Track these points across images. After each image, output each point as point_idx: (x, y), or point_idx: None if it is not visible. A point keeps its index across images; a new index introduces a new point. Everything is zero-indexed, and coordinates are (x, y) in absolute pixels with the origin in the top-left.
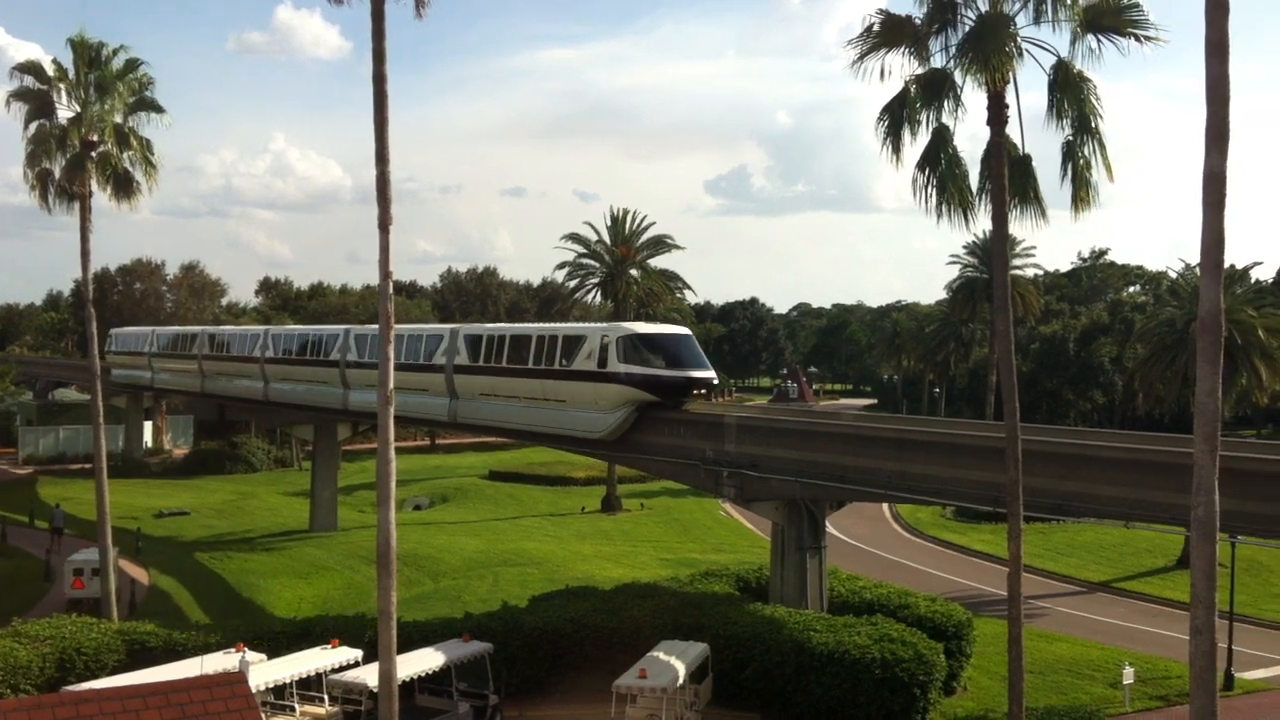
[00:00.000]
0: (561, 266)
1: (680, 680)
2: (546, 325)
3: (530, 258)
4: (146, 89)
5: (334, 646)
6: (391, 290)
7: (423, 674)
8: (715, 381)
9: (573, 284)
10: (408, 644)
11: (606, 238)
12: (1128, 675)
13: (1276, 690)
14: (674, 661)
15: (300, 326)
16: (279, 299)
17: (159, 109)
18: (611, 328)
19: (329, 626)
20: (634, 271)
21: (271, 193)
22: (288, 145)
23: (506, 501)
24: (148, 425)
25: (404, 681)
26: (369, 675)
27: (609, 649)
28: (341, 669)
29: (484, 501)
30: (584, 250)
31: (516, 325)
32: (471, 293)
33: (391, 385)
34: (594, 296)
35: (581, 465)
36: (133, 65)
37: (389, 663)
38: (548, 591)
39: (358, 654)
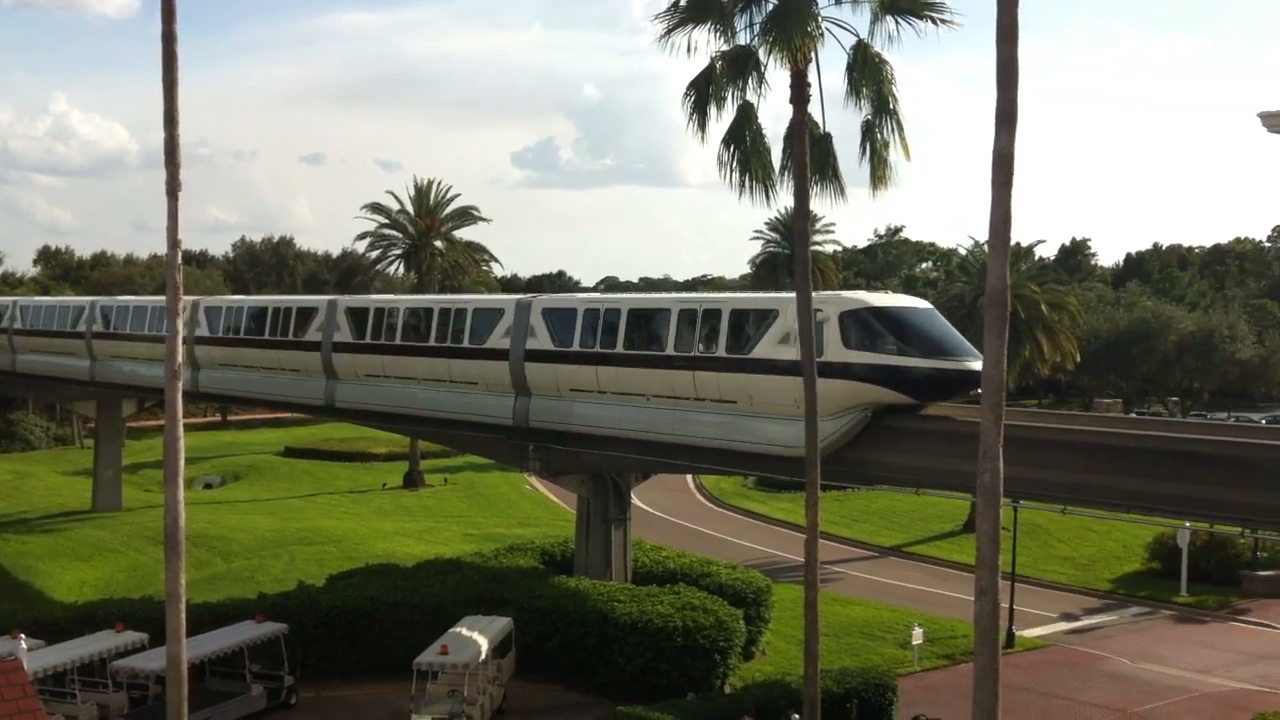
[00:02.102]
0: (363, 237)
1: (483, 655)
2: (700, 296)
3: (330, 228)
4: None
5: (119, 631)
6: (181, 260)
7: (213, 657)
8: None
9: (374, 255)
10: (198, 627)
11: (410, 208)
12: (917, 636)
13: (1054, 647)
14: (476, 637)
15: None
16: (59, 269)
17: None
18: (829, 298)
19: (113, 610)
20: (439, 243)
21: (52, 157)
22: (70, 107)
23: (303, 478)
24: None
25: (193, 665)
26: (155, 660)
27: (411, 627)
28: (126, 653)
29: (279, 479)
30: (386, 221)
31: (648, 295)
32: (267, 263)
33: (180, 359)
34: (397, 268)
35: (383, 440)
36: None
37: (177, 646)
38: (347, 570)
39: (144, 637)
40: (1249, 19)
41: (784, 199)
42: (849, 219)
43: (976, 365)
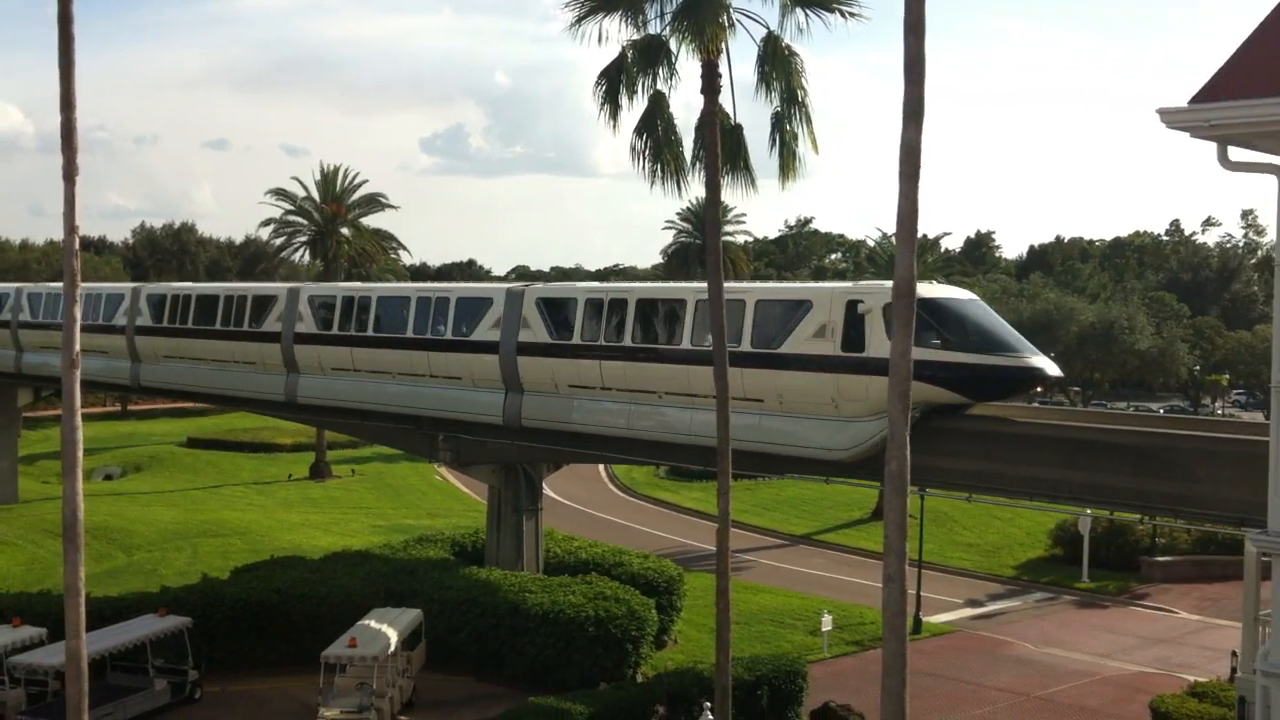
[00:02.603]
0: (267, 224)
1: (392, 647)
2: (745, 285)
3: (234, 214)
4: None
5: (16, 626)
6: (78, 246)
7: (114, 651)
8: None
9: (279, 242)
10: (99, 621)
11: (316, 195)
12: (826, 623)
13: (960, 633)
14: (385, 629)
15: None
16: None
17: None
18: (872, 288)
19: (9, 604)
20: (345, 230)
21: None
22: None
23: (206, 469)
24: None
25: (94, 660)
26: (54, 655)
27: (318, 620)
28: (24, 649)
29: (181, 470)
30: (292, 207)
31: (662, 285)
32: (168, 250)
33: (78, 348)
34: (302, 255)
35: (289, 431)
36: None
37: (76, 641)
38: (252, 563)
39: (42, 632)
40: (1142, 15)
41: (696, 189)
42: (760, 210)
43: (1038, 361)
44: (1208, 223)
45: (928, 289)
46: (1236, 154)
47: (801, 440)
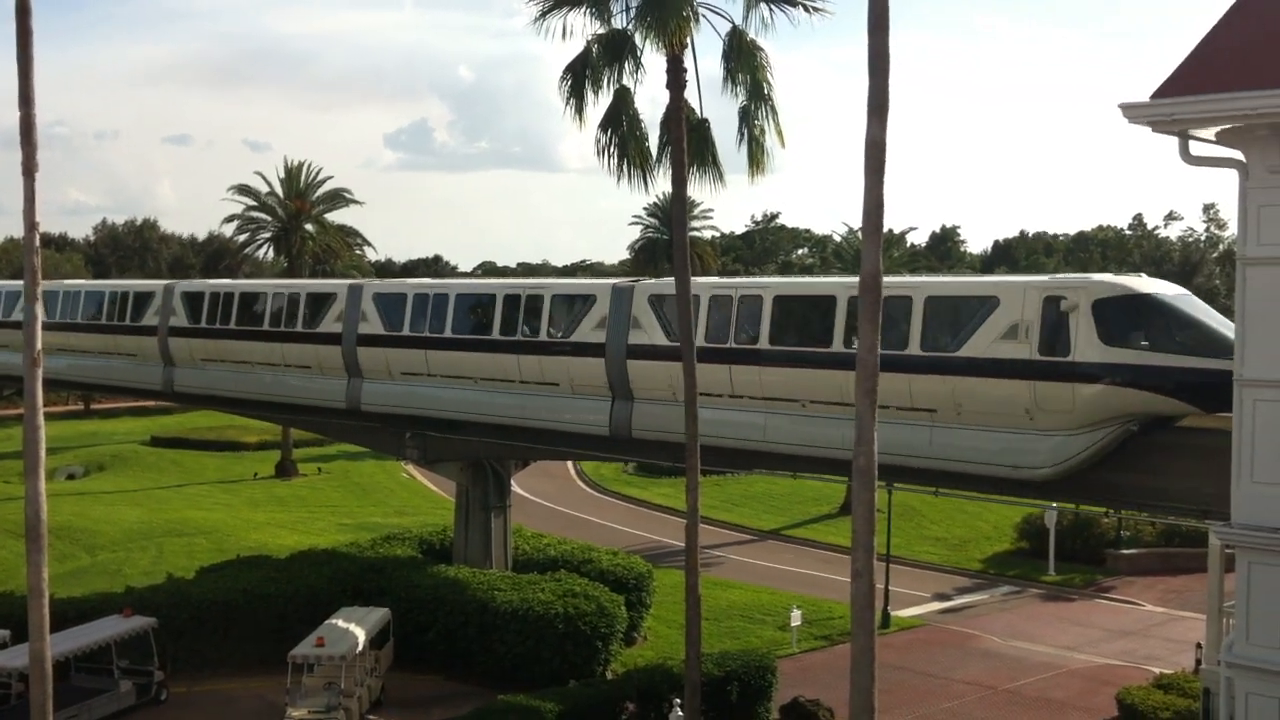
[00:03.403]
0: (230, 220)
1: (360, 646)
2: (912, 279)
3: (196, 210)
4: None
5: None
6: (39, 243)
7: (79, 653)
8: None
9: (242, 238)
10: (63, 623)
11: (279, 190)
12: (795, 618)
13: (928, 626)
14: (353, 628)
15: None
16: None
17: None
18: (1077, 282)
19: None
20: (309, 226)
21: None
22: None
23: (170, 468)
24: None
25: (58, 662)
26: (18, 657)
27: (285, 619)
28: None
29: (145, 469)
30: (255, 203)
31: (818, 279)
32: (130, 246)
33: (40, 345)
34: (266, 252)
35: (254, 429)
36: None
37: (40, 642)
38: (218, 562)
39: (5, 634)
40: (1099, 8)
41: (662, 184)
42: (727, 205)
43: None
44: (1170, 217)
45: (1143, 282)
46: (1198, 148)
47: (985, 456)
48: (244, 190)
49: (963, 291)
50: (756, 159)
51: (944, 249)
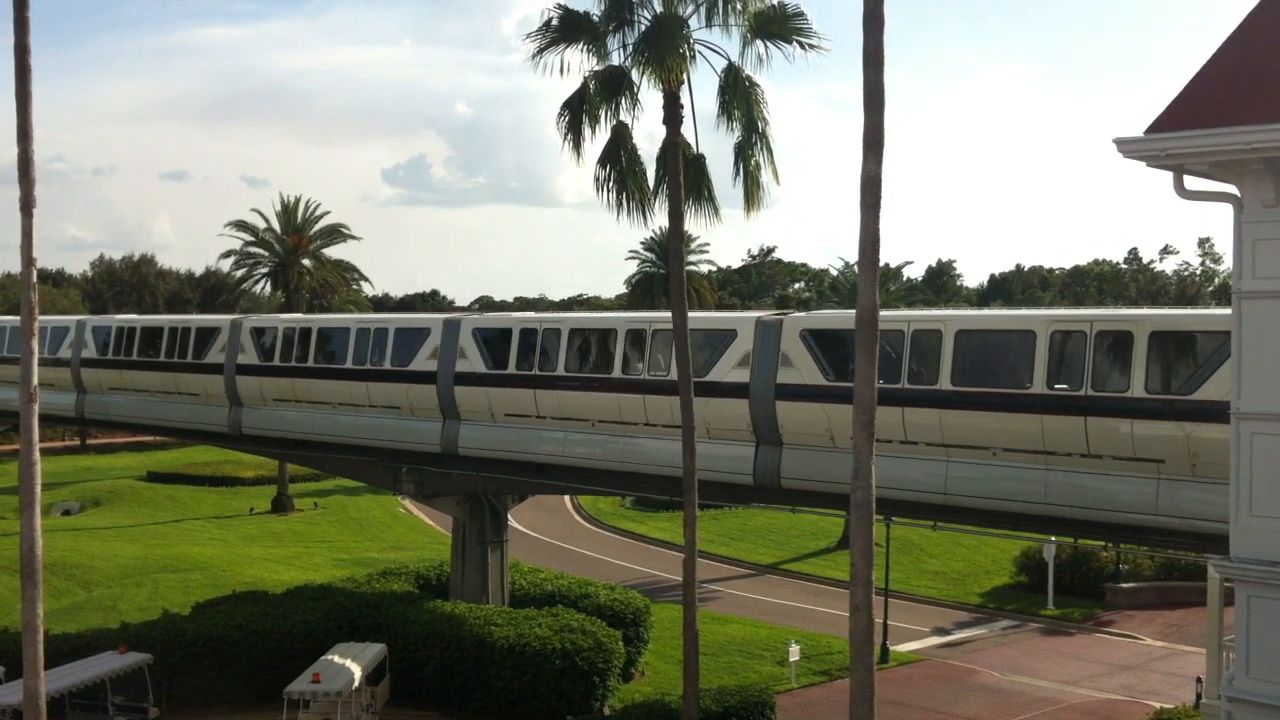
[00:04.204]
0: (227, 255)
1: (356, 683)
2: (1084, 312)
3: (193, 246)
4: None
5: None
6: (36, 279)
7: (73, 689)
8: None
9: (240, 274)
10: (58, 659)
11: (277, 226)
12: (794, 653)
13: (927, 661)
14: (349, 664)
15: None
16: None
17: None
18: None
19: None
20: (306, 261)
21: None
22: None
23: (167, 504)
24: None
25: (53, 698)
26: (13, 694)
27: (281, 655)
28: None
29: (141, 504)
30: (252, 239)
31: (1010, 311)
32: (127, 282)
33: (36, 381)
34: (263, 287)
35: (250, 464)
36: None
37: (35, 679)
38: (213, 598)
39: None
40: (1098, 47)
41: (660, 219)
42: (723, 239)
43: None
44: (1165, 251)
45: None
46: (1192, 183)
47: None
48: (241, 226)
49: (1196, 325)
50: (753, 194)
51: (940, 283)
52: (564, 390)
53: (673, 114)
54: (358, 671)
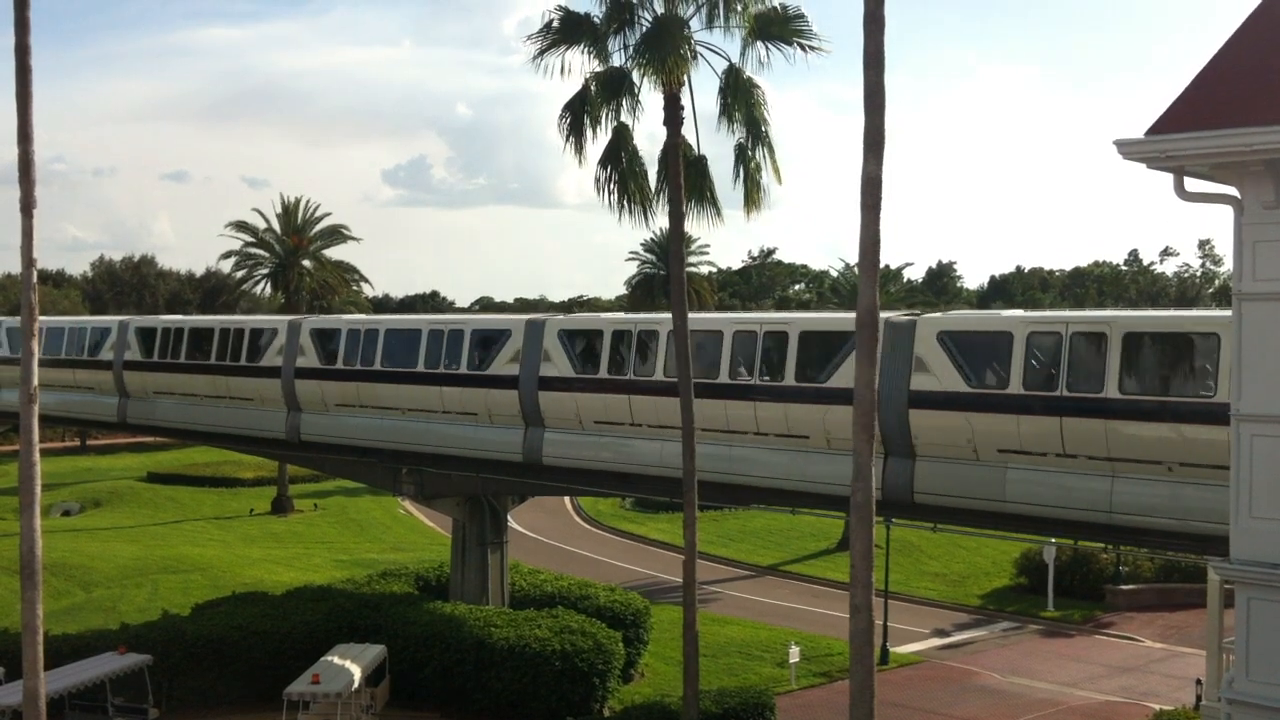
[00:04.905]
0: (227, 256)
1: (355, 684)
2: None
3: (193, 246)
4: None
5: None
6: (36, 279)
7: (73, 690)
8: None
9: (240, 274)
10: (58, 659)
11: (277, 226)
12: (794, 654)
13: (927, 663)
14: (349, 665)
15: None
16: None
17: None
18: None
19: None
20: (307, 262)
21: None
22: None
23: (167, 505)
24: None
25: (52, 699)
26: (12, 694)
27: (280, 656)
28: None
29: (141, 505)
30: (252, 239)
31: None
32: (127, 282)
33: (36, 381)
34: (263, 288)
35: (250, 465)
36: None
37: (34, 680)
38: (213, 599)
39: None
40: (1096, 52)
41: (660, 220)
42: (724, 241)
43: None
44: (1165, 252)
45: None
46: (1193, 184)
47: None
48: (241, 226)
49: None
50: (753, 195)
51: (940, 284)
52: (662, 396)
53: (673, 115)
54: (357, 673)
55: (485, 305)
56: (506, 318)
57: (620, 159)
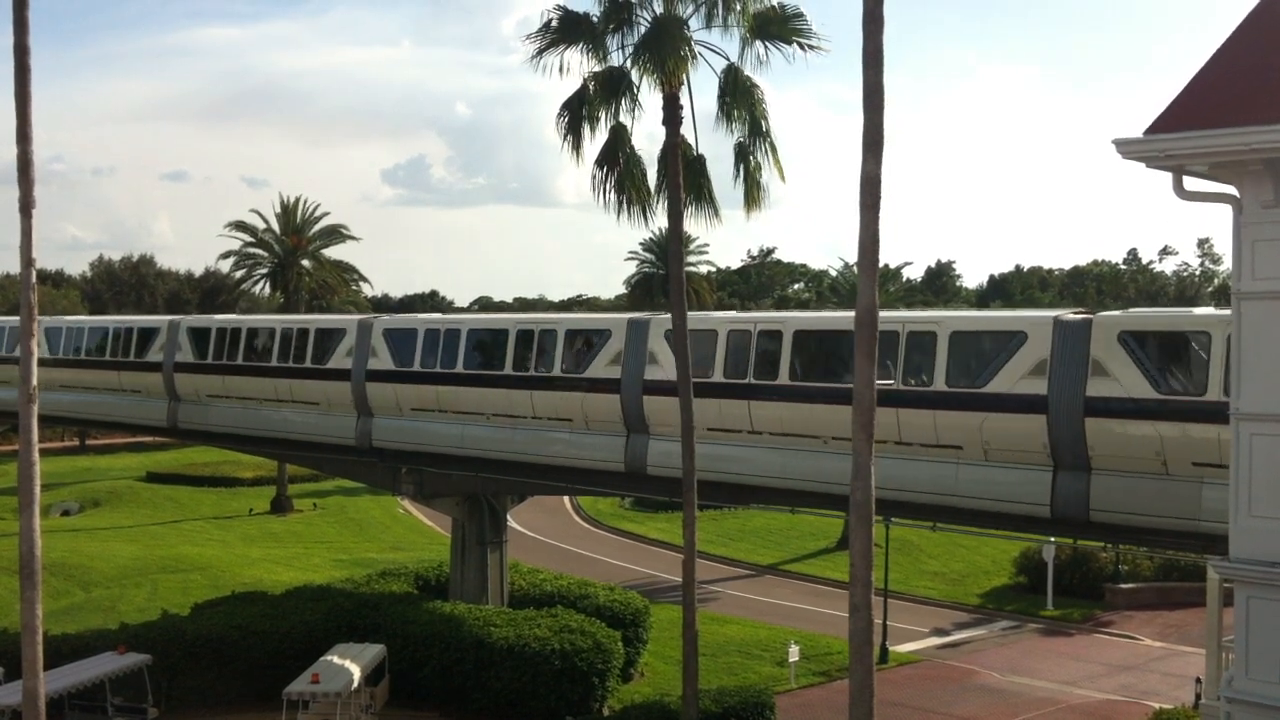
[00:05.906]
0: (227, 256)
1: (355, 683)
2: None
3: (193, 246)
4: None
5: None
6: (35, 279)
7: (72, 690)
8: None
9: (239, 274)
10: (57, 659)
11: (276, 226)
12: (793, 653)
13: (927, 662)
14: (348, 664)
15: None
16: None
17: None
18: None
19: None
20: (306, 262)
21: None
22: None
23: (166, 504)
24: None
25: (52, 699)
26: (12, 694)
27: (280, 656)
28: None
29: (141, 505)
30: (251, 239)
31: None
32: (126, 282)
33: (35, 381)
34: (262, 287)
35: (249, 465)
36: None
37: (34, 680)
38: (213, 599)
39: None
40: (1095, 52)
41: (659, 219)
42: (723, 240)
43: None
44: (1165, 251)
45: None
46: (1192, 183)
47: None
48: (241, 226)
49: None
50: (753, 195)
51: (939, 284)
52: (777, 402)
53: (672, 115)
54: (357, 672)
55: (484, 305)
56: (604, 316)
57: (618, 158)
